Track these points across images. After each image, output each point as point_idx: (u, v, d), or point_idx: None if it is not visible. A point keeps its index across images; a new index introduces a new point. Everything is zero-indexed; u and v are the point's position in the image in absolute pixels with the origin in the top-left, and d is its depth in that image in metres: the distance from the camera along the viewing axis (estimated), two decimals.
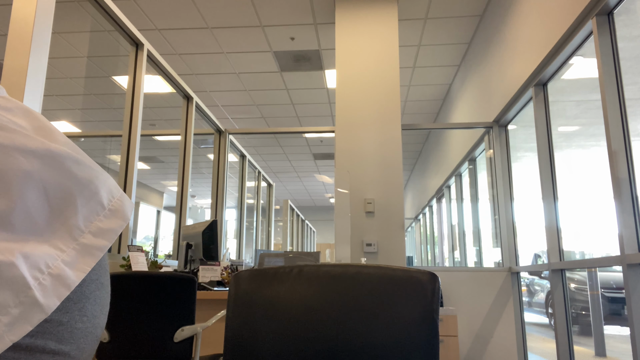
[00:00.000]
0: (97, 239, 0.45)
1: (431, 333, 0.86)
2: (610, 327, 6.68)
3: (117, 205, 0.48)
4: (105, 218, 0.46)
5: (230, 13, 4.59)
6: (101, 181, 0.47)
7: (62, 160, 0.43)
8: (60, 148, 0.44)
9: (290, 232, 9.56)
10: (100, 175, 0.47)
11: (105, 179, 0.48)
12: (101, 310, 0.49)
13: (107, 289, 0.50)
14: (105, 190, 0.47)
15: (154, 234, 13.13)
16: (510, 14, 3.75)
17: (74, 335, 0.44)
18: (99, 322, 0.48)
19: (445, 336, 3.21)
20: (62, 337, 0.43)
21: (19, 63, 1.89)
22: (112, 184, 0.49)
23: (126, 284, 1.85)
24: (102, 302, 0.49)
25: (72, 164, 0.44)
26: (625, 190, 2.32)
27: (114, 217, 0.47)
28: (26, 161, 0.40)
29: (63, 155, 0.43)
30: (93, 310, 0.47)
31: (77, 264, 0.43)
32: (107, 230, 0.46)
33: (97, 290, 0.48)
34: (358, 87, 4.08)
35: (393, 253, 3.78)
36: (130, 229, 2.85)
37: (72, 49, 5.24)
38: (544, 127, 3.39)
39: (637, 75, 4.48)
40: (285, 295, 0.95)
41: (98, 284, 0.48)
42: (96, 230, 0.45)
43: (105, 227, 0.46)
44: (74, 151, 0.45)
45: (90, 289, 0.47)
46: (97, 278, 0.48)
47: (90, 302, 0.46)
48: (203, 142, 8.73)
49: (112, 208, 0.47)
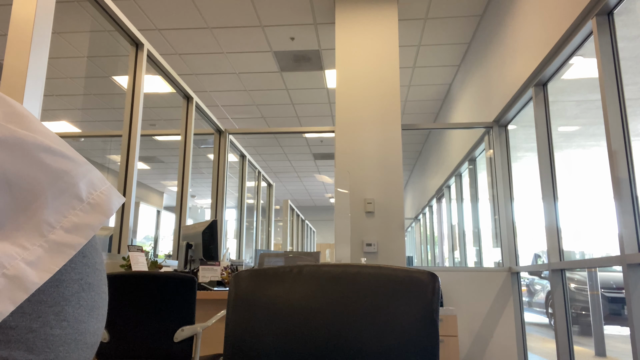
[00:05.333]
0: (69, 235, 0.40)
1: (431, 333, 0.86)
2: (610, 327, 6.68)
3: (99, 199, 0.44)
4: (82, 212, 0.42)
5: (230, 13, 4.59)
6: (80, 173, 0.43)
7: (31, 150, 0.39)
8: (29, 135, 0.39)
9: (290, 232, 9.56)
10: (80, 166, 0.43)
11: (87, 171, 0.44)
12: (89, 313, 0.44)
13: (96, 289, 0.46)
14: (85, 182, 0.43)
15: (154, 234, 13.13)
16: (510, 14, 3.75)
17: (50, 342, 0.40)
18: (86, 328, 0.44)
19: (445, 336, 3.21)
20: (34, 346, 0.38)
21: (19, 63, 1.89)
22: (96, 176, 0.44)
23: (126, 284, 1.85)
24: (90, 304, 0.44)
25: (44, 154, 0.40)
26: (625, 190, 2.32)
27: (93, 211, 0.43)
28: None
29: (32, 143, 0.39)
30: (76, 314, 0.42)
31: (42, 264, 0.38)
32: (82, 226, 0.42)
33: (82, 291, 0.43)
34: (358, 87, 4.08)
35: (393, 253, 3.78)
36: (130, 229, 2.85)
37: (72, 49, 5.24)
38: (544, 127, 3.39)
39: (637, 75, 4.48)
40: (285, 295, 0.95)
41: (83, 285, 0.44)
42: (70, 225, 0.41)
43: (80, 222, 0.41)
44: (51, 141, 0.41)
45: (72, 290, 0.42)
46: (80, 278, 0.43)
47: (71, 305, 0.42)
48: (203, 142, 8.73)
49: (92, 202, 0.43)
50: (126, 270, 2.51)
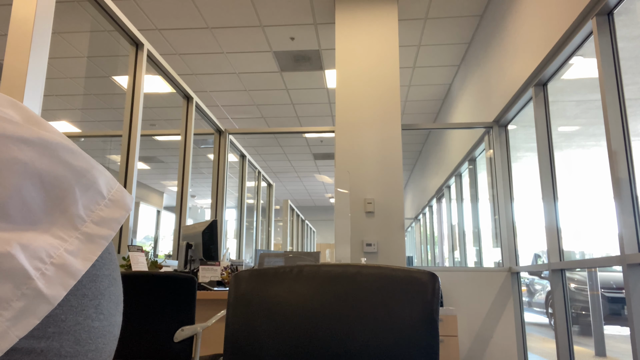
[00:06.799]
0: (99, 227, 0.43)
1: (431, 333, 0.86)
2: (610, 327, 6.68)
3: (117, 195, 0.46)
4: (106, 207, 0.44)
5: (230, 13, 4.59)
6: (98, 171, 0.45)
7: (56, 149, 0.41)
8: (53, 137, 0.42)
9: (290, 232, 9.56)
10: (96, 166, 0.45)
11: (102, 170, 0.46)
12: (116, 307, 0.47)
13: (119, 285, 0.48)
14: (103, 180, 0.45)
15: (154, 234, 13.13)
16: (510, 14, 3.75)
17: (92, 334, 0.42)
18: (115, 321, 0.46)
19: (445, 336, 3.21)
20: (80, 337, 0.41)
21: (19, 63, 1.89)
22: (108, 175, 0.47)
23: (126, 284, 1.85)
24: (117, 298, 0.47)
25: (67, 153, 0.42)
26: (625, 190, 2.32)
27: (115, 206, 0.45)
28: (18, 150, 0.38)
29: (57, 143, 0.41)
30: (109, 307, 0.45)
31: (81, 253, 0.41)
32: (109, 219, 0.44)
33: (111, 286, 0.46)
34: (358, 87, 4.08)
35: (393, 253, 3.78)
36: (130, 229, 2.85)
37: (72, 49, 5.24)
38: (544, 127, 3.39)
39: (637, 75, 4.48)
40: (285, 295, 0.95)
41: (112, 280, 0.46)
42: (98, 219, 0.43)
43: (107, 216, 0.44)
44: (67, 142, 0.44)
45: (105, 284, 0.45)
46: (109, 274, 0.46)
47: (105, 298, 0.44)
48: (203, 142, 8.73)
49: (112, 198, 0.45)
50: (126, 270, 2.51)
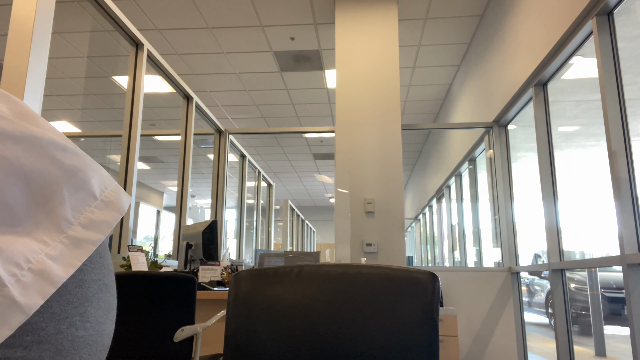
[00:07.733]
0: (88, 231, 0.40)
1: (431, 333, 0.86)
2: (610, 327, 6.68)
3: (111, 196, 0.43)
4: (97, 209, 0.41)
5: (230, 13, 4.59)
6: (92, 170, 0.42)
7: (45, 146, 0.38)
8: (43, 133, 0.39)
9: (290, 232, 9.55)
10: (91, 164, 0.42)
11: (97, 169, 0.43)
12: (106, 315, 0.44)
13: (111, 291, 0.46)
14: (97, 180, 0.42)
15: (154, 234, 13.13)
16: (510, 14, 3.75)
17: (75, 344, 0.39)
18: (104, 329, 0.43)
19: (445, 336, 3.21)
20: (62, 347, 0.38)
21: (19, 63, 1.89)
22: (105, 174, 0.44)
23: (126, 284, 1.85)
24: (107, 305, 0.44)
25: (57, 151, 0.39)
26: (625, 190, 2.32)
27: (108, 208, 0.42)
28: (2, 145, 0.36)
29: (47, 140, 0.39)
30: (97, 315, 0.42)
31: (64, 258, 0.38)
32: (99, 223, 0.41)
33: (101, 292, 0.43)
34: (358, 87, 4.08)
35: (393, 253, 3.78)
36: (130, 229, 2.85)
37: (72, 49, 5.24)
38: (544, 127, 3.39)
39: (637, 75, 4.48)
40: (285, 295, 0.95)
41: (101, 286, 0.43)
42: (87, 222, 0.40)
43: (97, 218, 0.41)
44: (62, 139, 0.41)
45: (92, 291, 0.42)
46: (99, 279, 0.43)
47: (93, 305, 0.41)
48: (203, 142, 8.73)
49: (105, 199, 0.42)
50: (126, 270, 2.51)
